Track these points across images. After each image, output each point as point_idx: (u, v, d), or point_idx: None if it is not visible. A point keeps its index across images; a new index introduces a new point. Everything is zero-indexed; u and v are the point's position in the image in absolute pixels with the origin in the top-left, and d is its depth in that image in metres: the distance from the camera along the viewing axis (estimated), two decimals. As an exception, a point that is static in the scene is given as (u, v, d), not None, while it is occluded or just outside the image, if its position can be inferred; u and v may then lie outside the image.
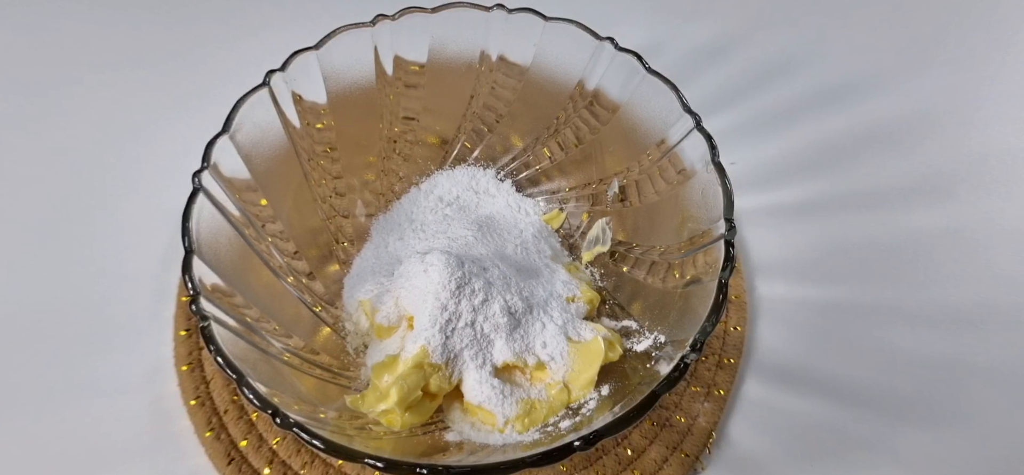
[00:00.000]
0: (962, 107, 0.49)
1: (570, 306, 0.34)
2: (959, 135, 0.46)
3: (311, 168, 0.36)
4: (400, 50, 0.37)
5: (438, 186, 0.40)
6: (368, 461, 0.23)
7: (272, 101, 0.33)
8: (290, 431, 0.24)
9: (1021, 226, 0.43)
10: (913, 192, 0.44)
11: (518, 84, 0.39)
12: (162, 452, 0.32)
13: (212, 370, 0.35)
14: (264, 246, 0.32)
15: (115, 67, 0.48)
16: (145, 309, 0.37)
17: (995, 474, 0.34)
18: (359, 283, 0.35)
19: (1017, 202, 0.44)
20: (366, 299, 0.34)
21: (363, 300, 0.34)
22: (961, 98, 0.49)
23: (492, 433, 0.30)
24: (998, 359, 0.37)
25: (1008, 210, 0.43)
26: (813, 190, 0.45)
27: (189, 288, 0.26)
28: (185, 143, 0.36)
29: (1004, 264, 0.41)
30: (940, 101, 0.49)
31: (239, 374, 0.24)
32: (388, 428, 0.30)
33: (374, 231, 0.39)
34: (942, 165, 0.46)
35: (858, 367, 0.37)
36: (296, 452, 0.32)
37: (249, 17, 0.52)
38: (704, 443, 0.34)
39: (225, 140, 0.30)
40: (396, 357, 0.31)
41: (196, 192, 0.28)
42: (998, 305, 0.39)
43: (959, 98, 0.49)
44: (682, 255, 0.33)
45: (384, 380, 0.30)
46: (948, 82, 0.51)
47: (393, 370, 0.30)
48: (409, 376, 0.30)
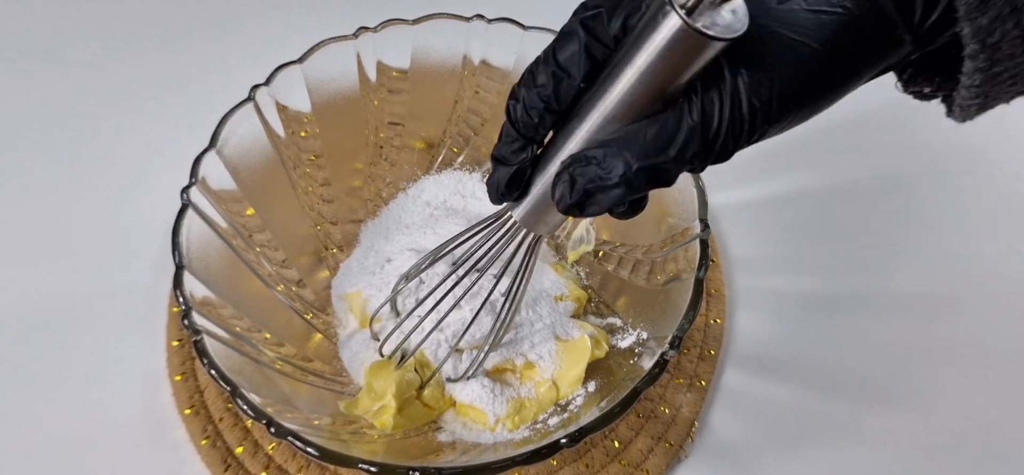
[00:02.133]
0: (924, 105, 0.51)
1: (558, 305, 0.35)
2: (921, 131, 0.48)
3: (298, 176, 0.37)
4: (383, 57, 0.38)
5: (425, 191, 0.41)
6: (362, 466, 0.24)
7: (257, 115, 0.33)
8: (285, 439, 0.24)
9: (979, 214, 0.45)
10: (880, 185, 0.46)
11: (502, 87, 0.40)
12: (159, 462, 0.33)
13: (206, 379, 0.35)
14: (253, 256, 0.33)
15: (100, 76, 0.48)
16: (136, 321, 0.37)
17: (965, 448, 0.36)
18: (345, 281, 0.36)
19: (974, 192, 0.46)
20: (353, 291, 0.34)
21: (348, 292, 0.34)
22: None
23: (483, 432, 0.31)
24: (963, 340, 0.39)
25: (967, 201, 0.46)
26: (788, 184, 0.46)
27: (181, 303, 0.27)
28: (172, 154, 0.36)
29: (965, 251, 0.43)
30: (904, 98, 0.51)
31: (233, 386, 0.25)
32: (382, 431, 0.30)
33: (363, 236, 0.39)
34: (905, 159, 0.48)
35: (833, 353, 0.39)
36: (292, 457, 0.33)
37: (235, 31, 0.52)
38: (687, 432, 0.35)
39: (212, 155, 0.31)
40: (390, 360, 0.32)
41: (185, 208, 0.29)
42: (960, 290, 0.41)
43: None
44: (663, 252, 0.34)
45: (389, 393, 0.30)
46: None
47: (388, 370, 0.31)
48: (404, 373, 0.30)
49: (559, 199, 0.21)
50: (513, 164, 0.23)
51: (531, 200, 0.24)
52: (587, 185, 0.20)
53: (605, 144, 0.20)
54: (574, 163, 0.21)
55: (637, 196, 0.21)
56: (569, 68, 0.20)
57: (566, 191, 0.21)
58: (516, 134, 0.22)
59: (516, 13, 0.37)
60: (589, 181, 0.20)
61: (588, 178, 0.20)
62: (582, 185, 0.20)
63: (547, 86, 0.21)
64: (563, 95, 0.21)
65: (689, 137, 0.19)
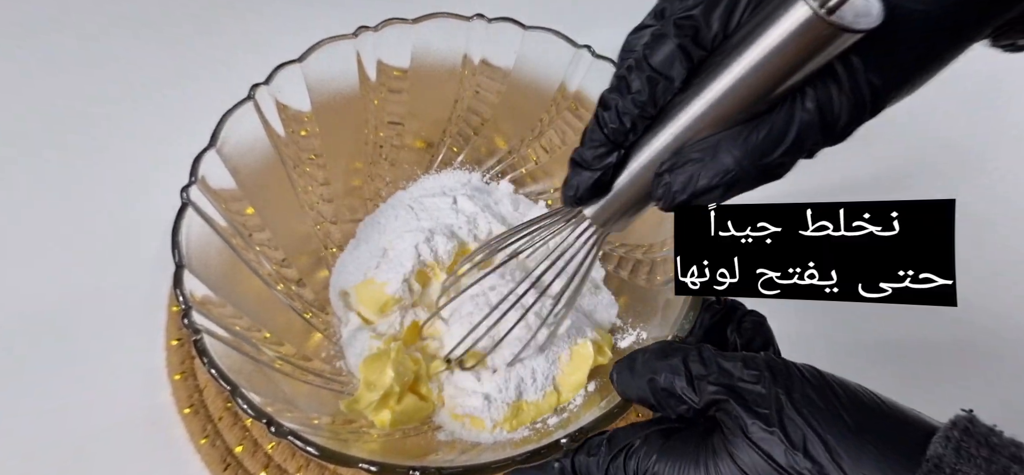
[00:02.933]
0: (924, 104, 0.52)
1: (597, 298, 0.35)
2: (921, 131, 0.48)
3: (297, 176, 0.37)
4: (383, 56, 0.37)
5: (425, 191, 0.40)
6: (363, 465, 0.24)
7: (257, 114, 0.33)
8: (285, 439, 0.24)
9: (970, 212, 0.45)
10: (875, 183, 0.47)
11: (502, 87, 0.40)
12: (158, 461, 0.33)
13: (205, 378, 0.35)
14: (253, 255, 0.33)
15: (100, 76, 0.48)
16: (136, 320, 0.37)
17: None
18: (343, 277, 0.36)
19: (974, 192, 0.46)
20: (363, 282, 0.34)
21: (357, 284, 0.34)
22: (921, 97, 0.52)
23: (482, 432, 0.31)
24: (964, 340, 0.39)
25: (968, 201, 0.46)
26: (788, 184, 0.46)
27: (181, 303, 0.26)
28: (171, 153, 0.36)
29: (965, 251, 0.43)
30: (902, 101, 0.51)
31: (233, 385, 0.25)
32: (381, 430, 0.30)
33: (360, 231, 0.39)
34: (906, 160, 0.48)
35: (833, 353, 0.39)
36: (291, 456, 0.33)
37: (235, 29, 0.52)
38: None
39: (212, 154, 0.31)
40: (386, 351, 0.32)
41: (185, 207, 0.29)
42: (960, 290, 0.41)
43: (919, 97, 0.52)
44: (664, 252, 0.34)
45: (388, 375, 0.30)
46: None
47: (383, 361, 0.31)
48: (401, 360, 0.30)
49: (661, 196, 0.21)
50: (597, 169, 0.23)
51: (609, 200, 0.24)
52: (694, 185, 0.20)
53: (709, 143, 0.20)
54: (679, 163, 0.21)
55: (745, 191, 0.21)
56: (666, 71, 0.20)
57: (672, 190, 0.21)
58: (604, 139, 0.22)
59: (516, 13, 0.37)
60: (695, 179, 0.20)
61: (694, 177, 0.20)
62: (688, 185, 0.20)
63: (643, 91, 0.21)
64: (660, 99, 0.21)
65: (805, 129, 0.19)
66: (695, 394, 0.22)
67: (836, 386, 0.20)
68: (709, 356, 0.22)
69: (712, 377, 0.21)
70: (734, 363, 0.22)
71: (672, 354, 0.23)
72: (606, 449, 0.23)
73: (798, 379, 0.20)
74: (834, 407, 0.19)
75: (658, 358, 0.23)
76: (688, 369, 0.22)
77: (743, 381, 0.21)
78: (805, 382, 0.20)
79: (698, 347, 0.23)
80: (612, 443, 0.23)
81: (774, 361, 0.22)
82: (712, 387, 0.21)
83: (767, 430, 0.19)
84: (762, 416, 0.20)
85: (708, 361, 0.22)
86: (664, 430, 0.23)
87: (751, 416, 0.20)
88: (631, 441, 0.23)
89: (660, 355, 0.23)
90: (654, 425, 0.23)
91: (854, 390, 0.20)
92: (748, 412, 0.20)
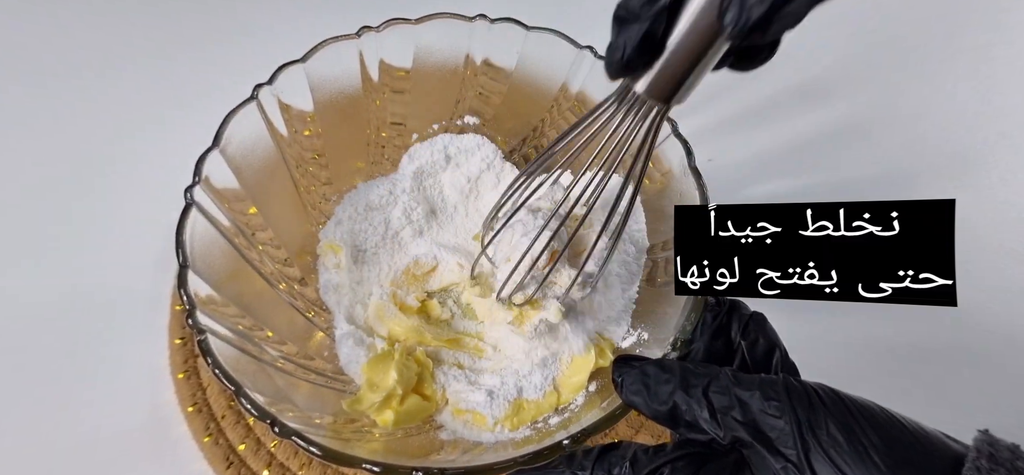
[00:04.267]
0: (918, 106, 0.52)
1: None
2: (921, 131, 0.48)
3: (300, 175, 0.37)
4: (385, 56, 0.38)
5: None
6: (365, 465, 0.24)
7: (260, 114, 0.33)
8: (288, 439, 0.24)
9: (973, 215, 0.45)
10: (880, 182, 0.47)
11: (503, 87, 0.40)
12: (161, 459, 0.33)
13: (208, 377, 0.35)
14: (256, 255, 0.33)
15: (104, 77, 0.48)
16: (139, 319, 0.37)
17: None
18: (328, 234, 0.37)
19: (974, 192, 0.46)
20: (332, 242, 0.35)
21: (332, 240, 0.35)
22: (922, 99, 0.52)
23: (483, 431, 0.31)
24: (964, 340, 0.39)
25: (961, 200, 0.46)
26: (789, 185, 0.46)
27: (185, 303, 0.27)
28: (175, 153, 0.36)
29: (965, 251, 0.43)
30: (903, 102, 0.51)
31: (237, 385, 0.25)
32: (384, 429, 0.30)
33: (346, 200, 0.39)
34: (905, 160, 0.48)
35: (833, 353, 0.39)
36: (294, 455, 0.33)
37: (238, 30, 0.52)
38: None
39: (216, 154, 0.31)
40: (389, 352, 0.32)
41: (189, 207, 0.29)
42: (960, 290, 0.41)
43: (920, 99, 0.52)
44: (664, 253, 0.34)
45: (391, 377, 0.31)
46: (911, 85, 0.53)
47: (387, 363, 0.31)
48: (404, 362, 0.31)
49: (732, 21, 0.17)
50: (645, 19, 0.19)
51: (665, 61, 0.20)
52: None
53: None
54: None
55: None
56: None
57: (744, 8, 0.17)
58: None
59: (518, 13, 0.37)
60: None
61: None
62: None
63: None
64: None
65: None
66: (720, 429, 0.21)
67: (858, 414, 0.20)
68: (726, 384, 0.21)
69: (735, 412, 0.21)
70: (753, 393, 0.21)
71: (693, 383, 0.22)
72: (630, 471, 0.22)
73: (821, 411, 0.20)
74: (861, 446, 0.19)
75: (673, 383, 0.22)
76: (709, 402, 0.21)
77: (765, 413, 0.20)
78: (827, 412, 0.20)
79: (715, 374, 0.22)
80: (636, 467, 0.22)
81: (793, 387, 0.21)
82: (736, 422, 0.21)
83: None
84: (790, 458, 0.19)
85: (727, 390, 0.21)
86: (690, 457, 0.22)
87: (779, 460, 0.20)
88: (658, 469, 0.22)
89: (682, 383, 0.22)
90: (678, 451, 0.22)
91: (874, 415, 0.20)
92: (775, 455, 0.20)
